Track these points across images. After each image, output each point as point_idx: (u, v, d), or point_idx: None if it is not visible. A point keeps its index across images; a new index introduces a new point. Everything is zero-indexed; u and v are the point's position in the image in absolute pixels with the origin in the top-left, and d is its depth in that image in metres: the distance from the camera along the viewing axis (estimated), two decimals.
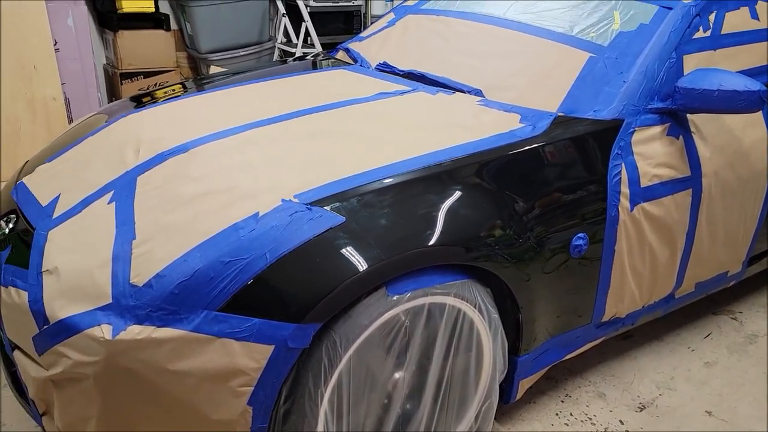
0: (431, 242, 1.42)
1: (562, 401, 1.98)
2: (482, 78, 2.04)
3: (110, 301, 1.32)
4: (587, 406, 1.96)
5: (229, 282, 1.31)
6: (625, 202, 1.75)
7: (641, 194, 1.78)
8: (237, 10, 4.36)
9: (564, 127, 1.76)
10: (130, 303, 1.31)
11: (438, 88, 2.06)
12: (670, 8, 2.01)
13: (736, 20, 2.12)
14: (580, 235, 1.69)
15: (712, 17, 2.06)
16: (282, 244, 1.33)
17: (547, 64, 1.99)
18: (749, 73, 2.12)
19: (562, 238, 1.66)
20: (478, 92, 1.99)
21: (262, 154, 1.63)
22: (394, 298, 1.39)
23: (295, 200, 1.42)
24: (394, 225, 1.41)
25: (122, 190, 1.58)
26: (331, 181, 1.48)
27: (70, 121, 3.83)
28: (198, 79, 2.71)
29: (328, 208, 1.40)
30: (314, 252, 1.34)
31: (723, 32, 2.08)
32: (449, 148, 1.61)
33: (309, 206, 1.40)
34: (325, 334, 1.35)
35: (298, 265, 1.32)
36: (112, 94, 4.58)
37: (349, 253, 1.34)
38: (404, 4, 2.77)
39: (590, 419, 1.91)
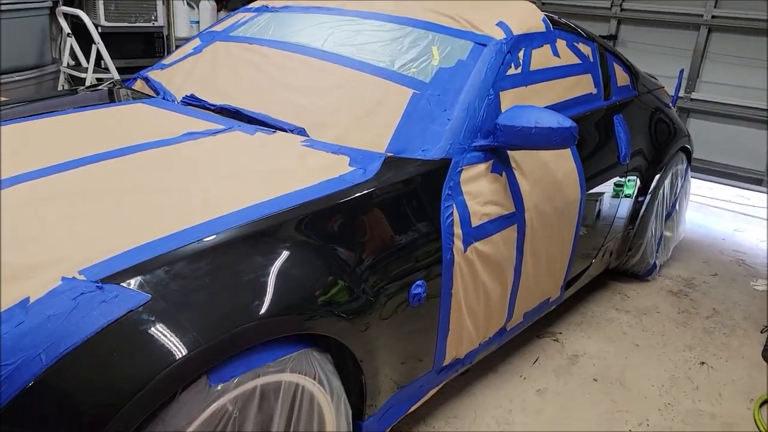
0: (261, 313, 1.21)
1: None
2: (305, 115, 1.88)
3: None
4: None
5: None
6: (459, 244, 1.70)
7: (473, 234, 1.75)
8: (4, 28, 3.68)
9: (395, 168, 1.66)
10: None
11: (256, 126, 1.86)
12: (484, 45, 2.03)
13: (542, 57, 2.22)
14: (418, 283, 1.59)
15: (521, 54, 2.13)
16: (63, 339, 1.03)
17: (372, 101, 1.89)
18: (555, 107, 2.23)
19: (400, 288, 1.55)
20: (301, 131, 1.82)
21: (38, 217, 1.29)
22: (219, 387, 1.16)
23: (81, 277, 1.12)
24: (214, 298, 1.18)
25: None
26: (130, 249, 1.20)
27: None
28: None
29: (127, 284, 1.13)
30: (109, 345, 1.05)
31: (532, 68, 2.16)
32: (274, 199, 1.42)
33: (100, 284, 1.11)
34: None
35: (88, 365, 1.03)
36: None
37: (158, 341, 1.08)
38: (212, 29, 2.52)
39: None
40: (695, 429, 2.08)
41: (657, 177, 2.83)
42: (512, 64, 2.07)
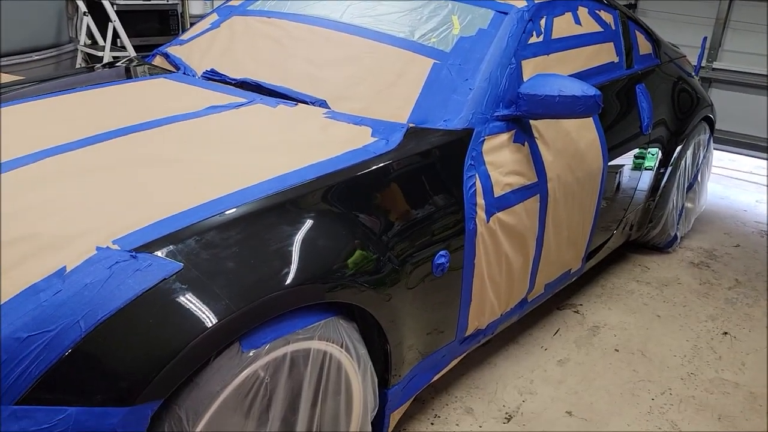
0: (288, 282, 1.22)
1: (432, 423, 1.89)
2: (326, 87, 1.88)
3: None
4: (457, 425, 1.89)
5: (30, 364, 1.01)
6: (481, 214, 1.70)
7: (496, 204, 1.74)
8: (22, 8, 3.69)
9: (417, 139, 1.66)
10: None
11: (278, 99, 1.86)
12: (506, 13, 2.01)
13: (563, 25, 2.19)
14: (441, 253, 1.60)
15: (543, 22, 2.10)
16: (100, 307, 1.05)
17: (393, 72, 1.88)
18: (577, 76, 2.20)
19: (424, 258, 1.56)
20: (323, 103, 1.82)
21: (69, 189, 1.31)
22: (251, 353, 1.18)
23: (115, 247, 1.14)
24: (244, 267, 1.19)
25: None
26: (161, 219, 1.22)
27: None
28: None
29: (159, 253, 1.15)
30: (145, 312, 1.07)
31: (554, 37, 2.13)
32: (300, 169, 1.43)
33: (134, 253, 1.13)
34: (167, 411, 1.09)
35: (125, 332, 1.06)
36: None
37: (191, 308, 1.10)
38: (228, 4, 2.51)
39: None
40: (719, 398, 2.08)
41: (679, 148, 2.80)
42: (534, 33, 2.04)
